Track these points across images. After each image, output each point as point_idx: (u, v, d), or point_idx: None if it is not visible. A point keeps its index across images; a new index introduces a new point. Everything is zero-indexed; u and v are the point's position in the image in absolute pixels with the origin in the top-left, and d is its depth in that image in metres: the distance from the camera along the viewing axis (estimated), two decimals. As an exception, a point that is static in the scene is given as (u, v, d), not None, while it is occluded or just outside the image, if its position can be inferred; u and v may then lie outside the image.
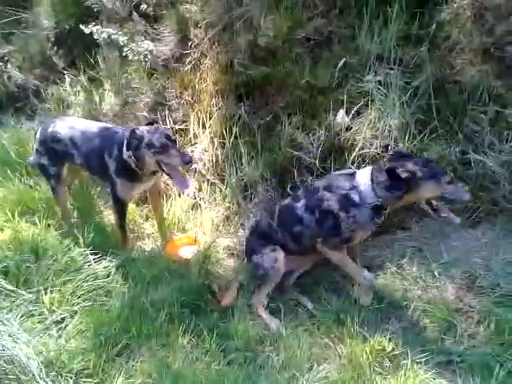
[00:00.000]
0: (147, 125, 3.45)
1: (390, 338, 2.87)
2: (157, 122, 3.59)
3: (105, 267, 3.32)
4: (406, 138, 3.62)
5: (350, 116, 3.86)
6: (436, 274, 3.27)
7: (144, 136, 3.26)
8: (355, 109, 3.84)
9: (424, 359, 2.74)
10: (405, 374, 2.56)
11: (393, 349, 2.79)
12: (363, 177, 2.95)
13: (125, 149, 3.31)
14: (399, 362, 2.69)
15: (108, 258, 3.38)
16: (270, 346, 2.89)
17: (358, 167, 3.71)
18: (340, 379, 2.63)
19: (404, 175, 2.78)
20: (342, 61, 3.96)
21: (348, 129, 3.85)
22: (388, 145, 3.32)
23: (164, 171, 3.31)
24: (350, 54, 4.01)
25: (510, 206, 3.49)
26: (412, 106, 3.71)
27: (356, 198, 2.93)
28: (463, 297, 3.14)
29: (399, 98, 3.71)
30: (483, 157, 3.52)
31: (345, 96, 3.87)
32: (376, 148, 3.72)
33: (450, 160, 3.55)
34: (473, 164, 3.53)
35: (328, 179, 3.16)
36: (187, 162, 3.23)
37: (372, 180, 2.90)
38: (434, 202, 3.00)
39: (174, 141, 3.33)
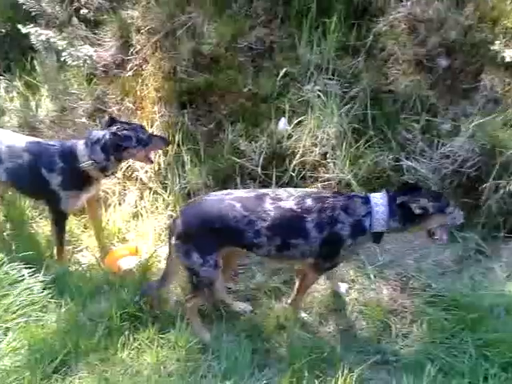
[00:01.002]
0: (111, 124, 3.40)
1: (328, 341, 2.96)
2: (114, 118, 3.54)
3: (40, 281, 3.23)
4: (344, 146, 3.75)
5: (291, 124, 3.95)
6: (372, 276, 3.40)
7: (129, 135, 3.32)
8: (296, 117, 3.94)
9: (361, 360, 2.83)
10: (342, 375, 2.61)
11: (331, 351, 2.87)
12: (379, 203, 2.82)
13: (85, 157, 3.28)
14: (337, 364, 2.74)
15: (43, 272, 3.28)
16: (212, 354, 2.88)
17: (299, 174, 3.83)
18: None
19: (418, 211, 2.78)
20: (284, 70, 4.05)
21: (289, 137, 3.94)
22: None
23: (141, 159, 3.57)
24: (291, 63, 4.11)
25: (440, 211, 3.69)
26: (349, 115, 3.85)
27: (367, 224, 2.81)
28: (397, 298, 3.27)
29: (337, 108, 3.84)
30: (415, 163, 3.70)
31: (286, 104, 3.98)
32: (315, 155, 3.82)
33: (383, 167, 3.70)
34: (405, 170, 3.70)
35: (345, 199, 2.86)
36: (168, 142, 3.75)
37: (390, 209, 2.80)
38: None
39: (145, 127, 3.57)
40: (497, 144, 3.61)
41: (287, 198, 2.79)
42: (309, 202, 2.77)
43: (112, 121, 3.44)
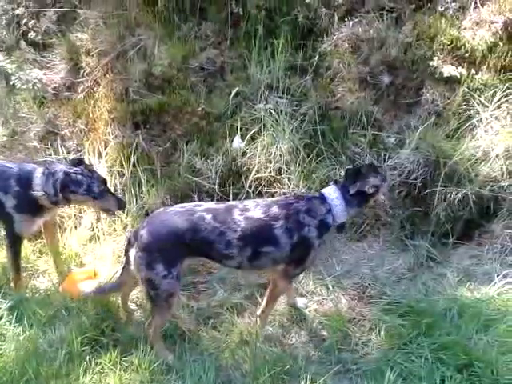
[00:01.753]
0: (75, 164, 3.38)
1: (290, 353, 3.00)
2: (82, 160, 3.51)
3: (-3, 309, 3.14)
4: (297, 162, 3.86)
5: (245, 142, 4.04)
6: (330, 286, 3.49)
7: (81, 181, 3.29)
8: (249, 135, 4.03)
9: (323, 370, 2.88)
10: (305, 387, 2.68)
11: (293, 363, 2.90)
12: (335, 197, 2.93)
13: (39, 186, 3.27)
14: (300, 376, 2.79)
15: (0, 300, 3.20)
16: (176, 374, 2.86)
17: (255, 190, 3.90)
18: (245, 399, 2.71)
19: (372, 191, 2.96)
20: (235, 89, 4.15)
21: (244, 154, 4.03)
22: None
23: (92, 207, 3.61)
24: (243, 82, 4.22)
25: (391, 220, 3.87)
26: (300, 131, 3.98)
27: (330, 220, 2.93)
28: (355, 307, 3.37)
29: (289, 125, 3.97)
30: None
31: (239, 123, 4.07)
32: (270, 171, 3.91)
33: (335, 180, 3.83)
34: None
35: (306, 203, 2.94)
36: (122, 207, 3.60)
37: (345, 200, 2.93)
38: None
39: (106, 183, 3.49)
40: (440, 155, 3.82)
41: (254, 208, 2.87)
42: (275, 209, 2.86)
43: (79, 162, 3.42)
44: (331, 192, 2.95)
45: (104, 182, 3.43)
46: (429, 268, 3.73)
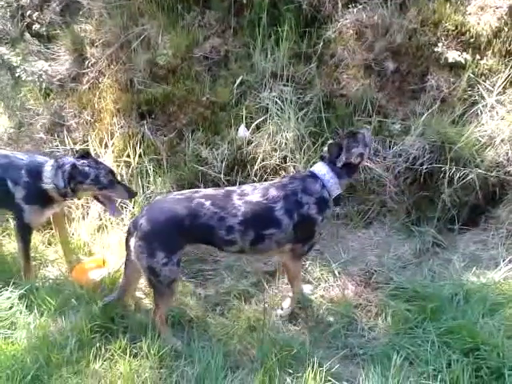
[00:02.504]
0: (82, 157, 3.41)
1: (297, 338, 3.03)
2: (88, 153, 3.53)
3: (7, 298, 3.18)
4: (302, 150, 3.87)
5: (250, 130, 4.05)
6: (336, 273, 3.52)
7: (88, 172, 3.32)
8: (254, 123, 4.04)
9: (330, 355, 2.92)
10: (312, 371, 2.69)
11: (300, 348, 2.94)
12: (325, 172, 3.00)
13: (49, 179, 3.32)
14: (306, 361, 2.82)
15: (10, 289, 3.24)
16: (184, 360, 2.90)
17: (261, 178, 3.91)
18: (253, 383, 2.74)
19: (358, 160, 3.03)
20: (240, 78, 4.16)
21: (249, 143, 4.04)
22: None
23: (98, 200, 3.49)
24: (247, 71, 4.21)
25: (396, 206, 3.88)
26: (305, 119, 3.98)
27: (326, 195, 2.99)
28: (362, 293, 3.39)
29: (294, 113, 3.97)
30: (370, 163, 3.85)
31: (244, 112, 4.07)
32: (276, 160, 3.92)
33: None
34: (361, 170, 3.83)
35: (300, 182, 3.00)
36: (133, 195, 3.56)
37: (336, 173, 3.00)
38: None
39: (114, 173, 3.50)
40: (446, 140, 3.82)
41: (252, 192, 2.91)
42: (273, 191, 2.91)
43: (85, 154, 3.44)
44: (321, 168, 3.02)
45: (111, 172, 3.45)
46: (435, 254, 3.75)
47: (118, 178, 3.75)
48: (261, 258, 3.53)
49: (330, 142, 3.22)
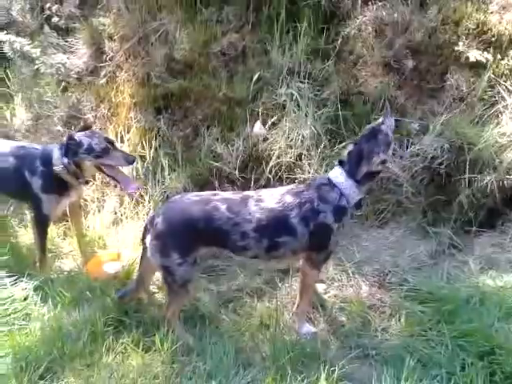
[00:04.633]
0: (83, 129, 3.44)
1: (310, 338, 3.01)
2: (88, 126, 3.56)
3: (22, 289, 3.21)
4: (318, 147, 3.84)
5: (266, 127, 4.03)
6: (350, 273, 3.49)
7: (82, 141, 3.31)
8: (270, 120, 4.02)
9: (342, 355, 2.89)
10: (324, 371, 2.67)
11: (313, 347, 2.92)
12: (343, 180, 2.88)
13: (58, 160, 3.34)
14: (319, 360, 2.82)
15: (25, 280, 3.27)
16: (196, 355, 2.90)
17: (276, 175, 3.90)
18: (264, 381, 2.73)
19: (381, 168, 2.92)
20: (257, 74, 4.13)
21: (265, 139, 4.02)
22: None
23: (107, 175, 3.43)
24: (264, 67, 4.18)
25: (413, 206, 3.83)
26: (322, 116, 3.95)
27: (345, 203, 2.88)
28: (376, 293, 3.36)
29: (310, 110, 3.93)
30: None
31: (260, 108, 4.06)
32: (291, 157, 3.90)
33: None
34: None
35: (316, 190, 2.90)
36: (131, 161, 3.42)
37: (355, 180, 2.87)
38: None
39: (113, 142, 3.43)
40: (464, 141, 3.77)
41: (269, 198, 2.86)
42: (288, 198, 2.85)
43: (85, 127, 3.47)
44: (337, 175, 2.90)
45: (107, 139, 3.41)
46: (451, 255, 3.70)
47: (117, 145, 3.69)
48: (275, 265, 3.48)
49: (350, 149, 3.01)
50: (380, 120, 2.97)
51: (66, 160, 3.33)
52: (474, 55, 3.88)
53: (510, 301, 3.12)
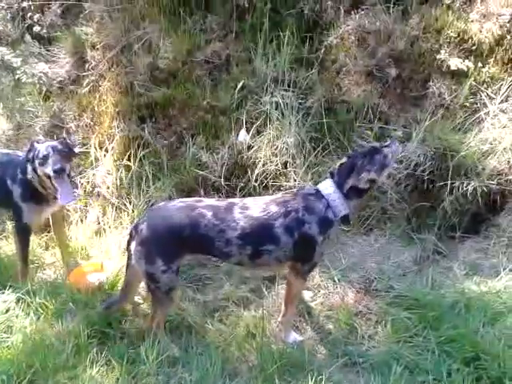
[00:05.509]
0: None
1: (297, 346, 3.00)
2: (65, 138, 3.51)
3: (3, 301, 3.15)
4: (303, 155, 3.86)
5: (251, 135, 4.03)
6: (336, 280, 3.49)
7: (37, 148, 3.22)
8: (255, 128, 4.03)
9: (329, 363, 2.88)
10: (311, 379, 2.66)
11: (300, 356, 2.90)
12: (331, 192, 2.87)
13: (29, 168, 3.25)
14: (306, 368, 2.80)
15: (6, 292, 3.21)
16: (182, 366, 2.87)
17: (261, 183, 3.90)
18: (251, 391, 2.71)
19: (367, 186, 2.88)
20: (241, 83, 4.14)
21: (249, 147, 4.02)
22: None
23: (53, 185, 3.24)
24: (248, 76, 4.20)
25: (397, 213, 3.86)
26: (306, 124, 3.97)
27: (331, 215, 2.86)
28: (361, 300, 3.36)
29: (294, 118, 3.96)
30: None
31: (244, 116, 4.06)
32: (276, 165, 3.90)
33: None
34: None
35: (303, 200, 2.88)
36: (55, 170, 3.15)
37: (343, 194, 2.86)
38: None
39: (61, 151, 3.24)
40: (447, 148, 3.81)
41: (254, 206, 2.84)
42: (274, 207, 2.83)
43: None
44: (327, 187, 2.89)
45: (53, 147, 3.22)
46: (435, 261, 3.72)
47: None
48: (260, 272, 3.48)
49: (343, 160, 3.01)
50: (387, 142, 3.00)
51: (29, 167, 3.25)
52: (456, 63, 3.94)
53: (495, 306, 3.13)
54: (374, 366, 2.86)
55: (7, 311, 3.12)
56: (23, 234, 3.45)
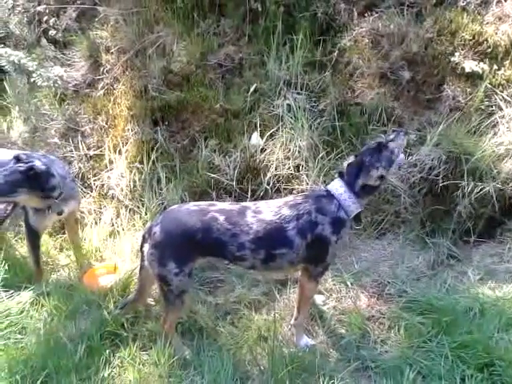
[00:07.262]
0: None
1: (308, 350, 2.98)
2: None
3: (18, 303, 3.19)
4: (315, 158, 3.84)
5: (264, 138, 4.03)
6: (349, 284, 3.46)
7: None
8: (268, 131, 4.03)
9: (341, 367, 2.87)
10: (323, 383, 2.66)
11: (311, 360, 2.89)
12: (342, 192, 2.86)
13: None
14: (318, 372, 2.78)
15: (21, 294, 3.26)
16: (194, 369, 2.87)
17: (274, 187, 3.89)
18: (263, 395, 2.71)
19: (378, 183, 2.88)
20: (254, 86, 4.15)
21: (262, 150, 4.02)
22: None
23: None
24: (261, 79, 4.21)
25: (411, 217, 3.83)
26: (319, 127, 3.96)
27: (343, 215, 2.86)
28: (374, 304, 3.34)
29: (307, 121, 3.95)
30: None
31: (257, 119, 4.06)
32: (289, 168, 3.90)
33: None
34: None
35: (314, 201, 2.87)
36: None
37: (354, 192, 2.85)
38: None
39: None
40: (462, 151, 3.77)
41: (266, 210, 2.84)
42: (286, 210, 2.83)
43: None
44: (337, 187, 2.88)
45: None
46: (449, 266, 3.68)
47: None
48: (272, 276, 3.46)
49: (351, 160, 3.00)
50: (391, 136, 2.96)
51: None
52: (470, 66, 3.90)
53: (510, 312, 3.10)
54: (387, 371, 2.84)
55: (21, 312, 3.15)
56: (31, 236, 3.49)
